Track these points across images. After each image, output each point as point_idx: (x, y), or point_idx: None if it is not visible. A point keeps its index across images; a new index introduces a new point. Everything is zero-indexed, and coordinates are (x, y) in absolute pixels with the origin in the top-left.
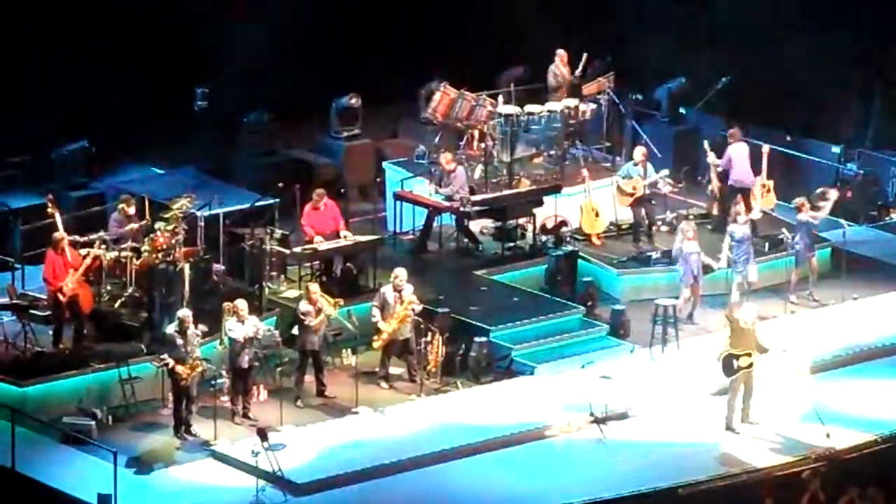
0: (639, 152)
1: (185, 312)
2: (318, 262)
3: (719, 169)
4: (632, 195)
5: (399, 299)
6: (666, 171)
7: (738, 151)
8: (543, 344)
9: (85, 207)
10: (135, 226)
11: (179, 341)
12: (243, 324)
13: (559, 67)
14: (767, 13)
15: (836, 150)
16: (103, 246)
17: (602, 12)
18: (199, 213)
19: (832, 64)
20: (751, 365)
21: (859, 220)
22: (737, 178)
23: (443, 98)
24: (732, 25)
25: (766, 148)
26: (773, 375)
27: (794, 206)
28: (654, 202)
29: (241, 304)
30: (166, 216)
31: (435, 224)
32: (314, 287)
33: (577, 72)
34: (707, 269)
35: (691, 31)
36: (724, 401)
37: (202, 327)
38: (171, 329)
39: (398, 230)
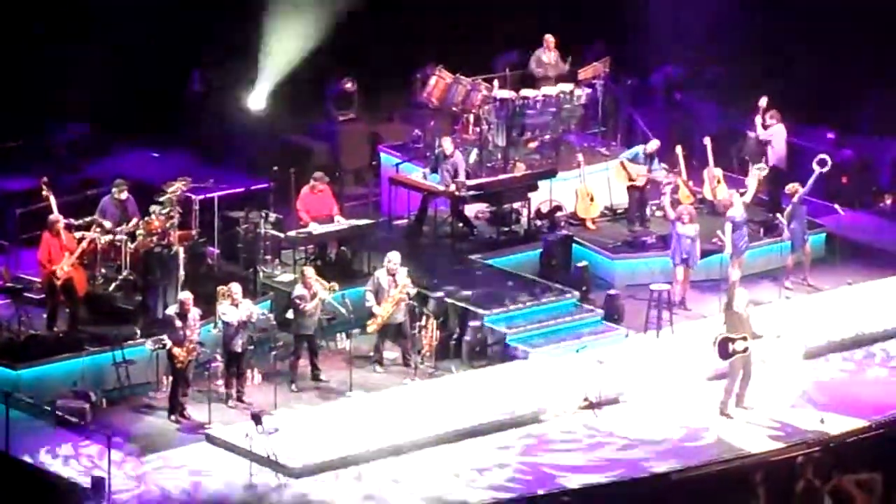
0: (654, 144)
1: (185, 295)
2: (312, 245)
3: (759, 136)
4: (632, 181)
5: (393, 283)
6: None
7: (781, 133)
8: (538, 328)
9: (80, 191)
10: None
11: (178, 323)
12: (237, 307)
13: (546, 53)
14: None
15: (830, 135)
16: (98, 229)
17: None
18: (194, 197)
19: (828, 49)
20: (746, 349)
21: (854, 205)
22: (776, 160)
23: (438, 82)
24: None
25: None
26: (767, 361)
27: (787, 191)
28: (649, 187)
29: (235, 287)
30: (161, 199)
31: (429, 208)
32: (309, 271)
33: (565, 63)
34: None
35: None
36: (721, 385)
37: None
38: (171, 311)
39: (393, 214)
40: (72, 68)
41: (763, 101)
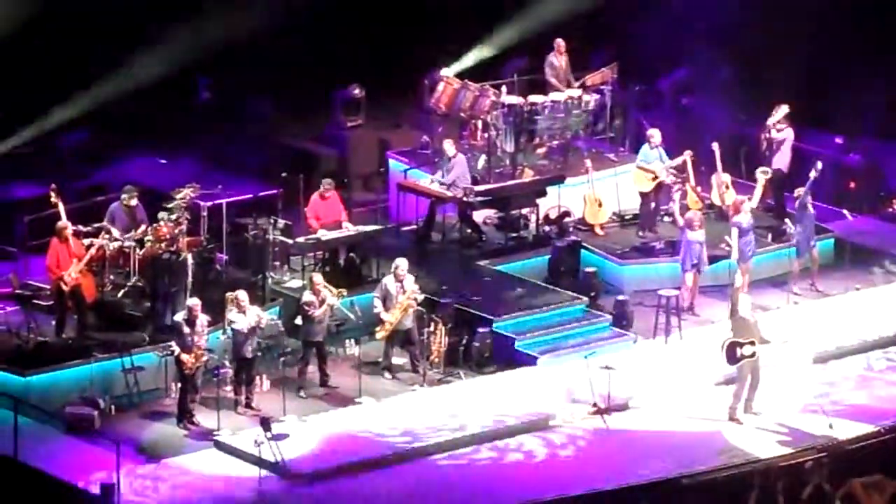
0: (657, 135)
1: (194, 301)
2: (321, 252)
3: (770, 137)
4: (654, 179)
5: (401, 289)
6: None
7: (790, 138)
8: (546, 334)
9: (88, 198)
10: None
11: (186, 330)
12: (245, 314)
13: (556, 57)
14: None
15: (838, 140)
16: (107, 236)
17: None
18: (203, 203)
19: (835, 52)
20: (754, 354)
21: (862, 210)
22: (780, 164)
23: (446, 88)
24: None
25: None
26: (775, 366)
27: (795, 195)
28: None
29: (242, 294)
30: (170, 206)
31: (438, 214)
32: (318, 277)
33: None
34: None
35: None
36: (730, 391)
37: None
38: (179, 317)
39: (401, 220)
40: (78, 73)
41: (781, 109)
